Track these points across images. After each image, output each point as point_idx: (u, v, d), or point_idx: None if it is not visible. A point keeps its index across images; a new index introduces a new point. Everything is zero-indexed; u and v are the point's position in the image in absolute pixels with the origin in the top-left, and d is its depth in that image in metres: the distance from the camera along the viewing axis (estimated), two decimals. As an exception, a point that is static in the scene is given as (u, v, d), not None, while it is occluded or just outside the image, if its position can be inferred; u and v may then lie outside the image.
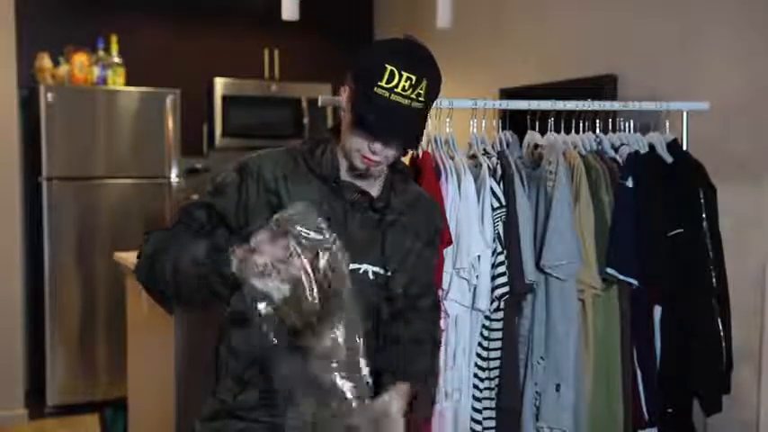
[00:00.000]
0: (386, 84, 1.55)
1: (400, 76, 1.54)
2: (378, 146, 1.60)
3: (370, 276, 1.68)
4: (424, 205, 1.82)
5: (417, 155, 2.49)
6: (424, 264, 1.79)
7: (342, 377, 1.43)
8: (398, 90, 1.55)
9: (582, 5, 4.18)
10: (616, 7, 3.94)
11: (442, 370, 2.42)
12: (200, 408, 1.75)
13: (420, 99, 1.57)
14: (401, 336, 1.77)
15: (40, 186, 4.61)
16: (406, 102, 1.55)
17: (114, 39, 4.92)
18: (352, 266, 1.61)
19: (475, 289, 2.41)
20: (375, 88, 1.55)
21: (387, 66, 1.55)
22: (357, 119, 1.59)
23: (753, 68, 3.28)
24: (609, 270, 2.58)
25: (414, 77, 1.55)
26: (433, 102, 1.64)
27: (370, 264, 1.68)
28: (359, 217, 1.68)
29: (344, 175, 1.69)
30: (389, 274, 1.70)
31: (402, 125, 1.57)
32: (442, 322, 2.03)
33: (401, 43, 1.62)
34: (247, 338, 1.66)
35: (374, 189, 1.72)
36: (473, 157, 2.57)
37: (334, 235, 1.41)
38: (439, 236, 1.89)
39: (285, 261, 1.38)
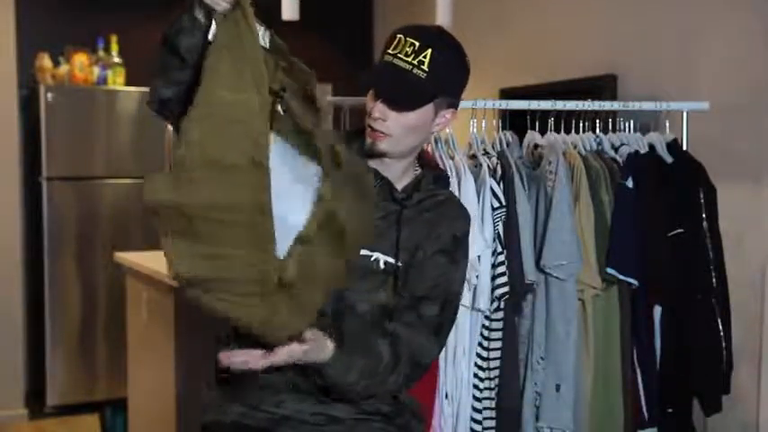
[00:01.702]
0: (392, 50, 1.63)
1: (405, 42, 1.62)
2: (377, 110, 1.63)
3: (381, 266, 1.66)
4: (449, 210, 1.76)
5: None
6: (433, 268, 1.69)
7: None
8: (401, 55, 1.62)
9: (582, 5, 4.17)
10: (616, 7, 3.94)
11: (441, 370, 2.43)
12: (199, 396, 1.76)
13: (423, 67, 1.60)
14: (393, 331, 1.63)
15: (40, 186, 4.61)
16: (407, 66, 1.61)
17: (114, 39, 4.92)
18: (365, 253, 1.64)
19: (475, 289, 2.41)
20: (384, 55, 1.64)
21: (396, 35, 1.64)
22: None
23: (753, 68, 3.27)
24: (609, 270, 2.58)
25: (417, 43, 1.61)
26: (446, 79, 1.65)
27: (382, 253, 1.67)
28: (379, 205, 1.68)
29: (371, 163, 1.70)
30: (399, 264, 1.68)
31: (398, 84, 1.61)
32: None
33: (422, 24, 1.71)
34: None
35: (399, 182, 1.73)
36: (473, 157, 2.57)
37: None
38: (459, 246, 1.73)
39: None
